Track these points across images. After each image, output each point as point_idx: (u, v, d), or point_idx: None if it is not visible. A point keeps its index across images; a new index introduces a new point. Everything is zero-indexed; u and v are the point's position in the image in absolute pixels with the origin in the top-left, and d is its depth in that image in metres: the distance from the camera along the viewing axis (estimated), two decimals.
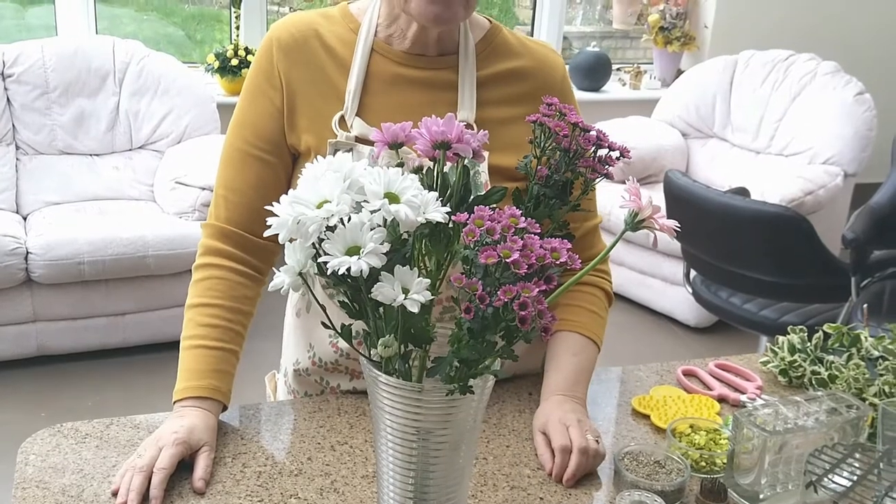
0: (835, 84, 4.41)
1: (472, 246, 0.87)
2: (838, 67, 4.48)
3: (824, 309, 2.98)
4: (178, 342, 1.40)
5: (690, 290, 3.33)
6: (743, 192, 3.22)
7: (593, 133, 0.98)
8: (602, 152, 0.99)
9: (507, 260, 0.83)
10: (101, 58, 3.95)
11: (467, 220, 0.88)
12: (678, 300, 4.09)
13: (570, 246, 0.86)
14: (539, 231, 0.88)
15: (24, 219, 3.71)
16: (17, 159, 3.83)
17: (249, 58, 4.27)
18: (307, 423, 1.40)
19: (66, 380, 3.44)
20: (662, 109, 4.82)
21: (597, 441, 1.29)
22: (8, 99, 3.81)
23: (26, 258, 3.34)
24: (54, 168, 3.85)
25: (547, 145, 0.99)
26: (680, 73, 5.11)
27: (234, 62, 4.26)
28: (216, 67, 4.28)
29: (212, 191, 3.68)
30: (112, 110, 3.95)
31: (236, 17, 4.41)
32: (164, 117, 3.99)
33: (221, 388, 1.35)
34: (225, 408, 1.37)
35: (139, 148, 4.01)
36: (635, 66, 5.29)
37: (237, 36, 4.42)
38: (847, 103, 4.31)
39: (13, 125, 3.83)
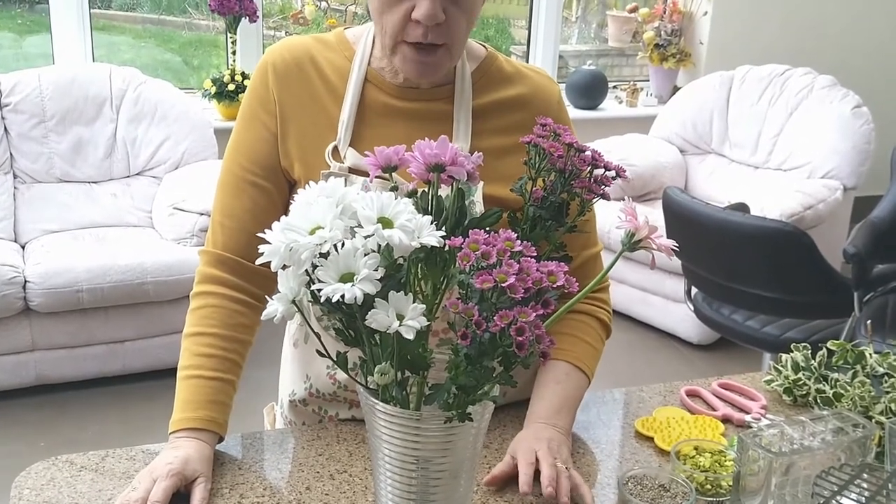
0: (832, 98, 4.40)
1: (467, 270, 0.85)
2: (835, 81, 4.48)
3: (827, 325, 2.96)
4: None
5: (692, 308, 3.31)
6: (742, 207, 3.21)
7: (588, 153, 0.97)
8: (598, 172, 0.98)
9: (503, 284, 0.82)
10: (98, 85, 3.95)
11: (462, 244, 0.86)
12: (680, 317, 4.07)
13: (567, 269, 0.85)
14: (535, 254, 0.86)
15: (23, 247, 3.69)
16: (14, 188, 3.82)
17: (246, 82, 4.26)
18: (306, 451, 1.38)
19: (66, 409, 3.42)
20: (660, 126, 4.82)
21: (567, 468, 1.26)
22: (5, 128, 3.81)
23: (24, 287, 3.32)
24: (52, 196, 3.84)
25: (542, 166, 0.98)
26: (676, 89, 5.11)
27: (231, 87, 4.26)
28: (213, 93, 4.28)
29: (210, 216, 3.68)
30: (109, 137, 3.95)
31: (232, 43, 4.41)
32: (162, 143, 3.98)
33: (217, 419, 1.33)
34: (221, 439, 1.35)
35: (137, 174, 4.00)
36: (631, 83, 5.29)
37: (234, 61, 4.42)
38: (845, 117, 4.31)
39: (10, 154, 3.82)
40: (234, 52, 4.42)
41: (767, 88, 4.62)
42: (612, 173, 0.97)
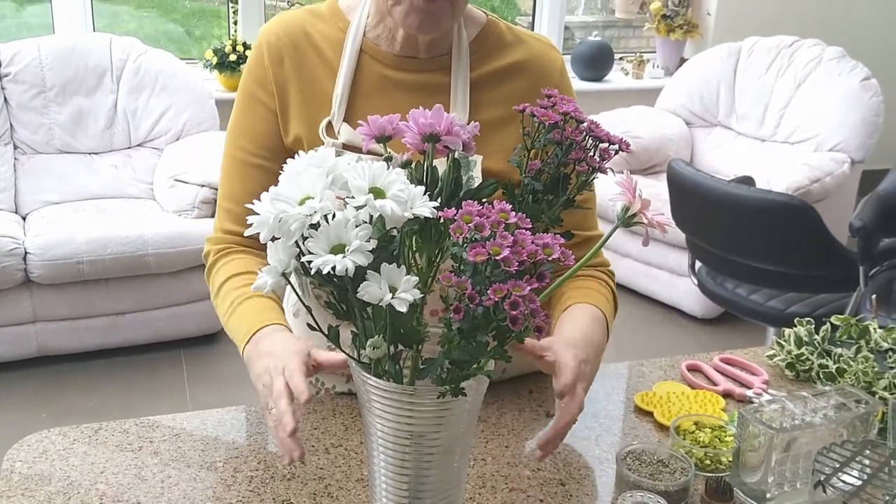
0: (840, 70, 4.35)
1: (460, 243, 0.83)
2: (844, 53, 4.42)
3: (832, 299, 2.93)
4: (178, 341, 1.37)
5: (696, 281, 3.28)
6: (748, 180, 3.18)
7: (585, 124, 0.94)
8: (600, 146, 0.95)
9: (497, 257, 0.80)
10: (99, 55, 3.91)
11: (455, 215, 0.84)
12: (684, 291, 4.05)
13: (562, 241, 0.82)
14: (530, 226, 0.84)
15: (23, 219, 3.67)
16: (15, 159, 3.79)
17: (248, 53, 4.22)
18: (301, 425, 1.36)
19: (67, 380, 3.41)
20: (666, 98, 4.77)
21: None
22: (5, 98, 3.78)
23: (25, 258, 3.31)
24: (52, 167, 3.82)
25: (537, 136, 0.95)
26: (683, 61, 5.05)
27: (233, 58, 4.22)
28: (214, 63, 4.24)
29: (211, 188, 3.61)
30: (110, 108, 3.92)
31: (234, 13, 4.37)
32: (163, 114, 3.95)
33: (287, 326, 1.26)
34: None
35: (138, 146, 3.98)
36: (638, 55, 5.24)
37: (235, 31, 4.38)
38: (853, 89, 4.26)
39: (11, 124, 3.79)
40: (235, 23, 4.38)
41: (775, 60, 4.56)
42: (615, 147, 0.94)
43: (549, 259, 0.81)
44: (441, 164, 0.99)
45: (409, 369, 0.97)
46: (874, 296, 1.64)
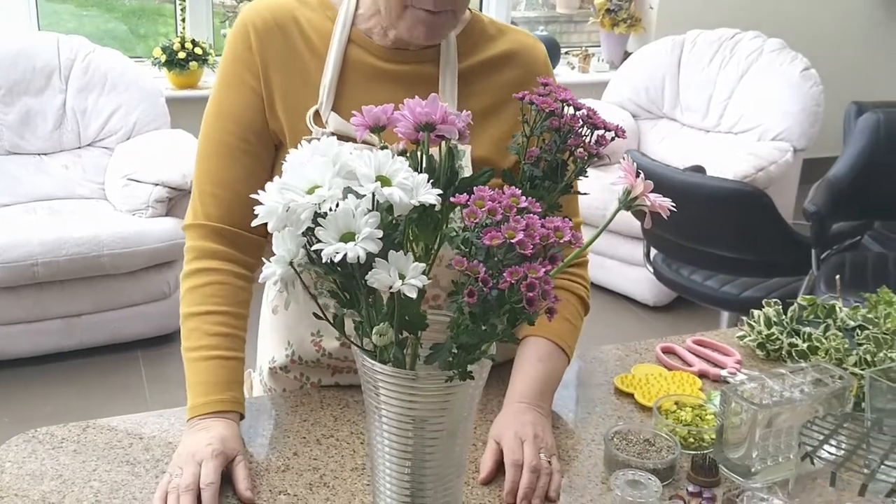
0: (781, 61, 4.46)
1: (472, 228, 0.85)
2: (784, 44, 4.54)
3: (785, 283, 3.02)
4: (135, 342, 1.37)
5: (651, 270, 3.35)
6: (699, 170, 3.25)
7: (583, 111, 0.97)
8: (596, 132, 0.97)
9: (513, 241, 0.82)
10: (46, 55, 3.85)
11: (467, 201, 0.86)
12: (636, 280, 4.12)
13: (572, 224, 0.85)
14: (540, 210, 0.86)
15: None
16: None
17: (196, 50, 4.19)
18: (290, 417, 1.37)
19: (24, 385, 3.36)
20: (612, 91, 4.84)
21: (549, 461, 1.23)
22: None
23: None
24: (1, 169, 3.75)
25: (535, 124, 0.97)
26: (627, 54, 5.13)
27: (181, 55, 4.18)
28: (163, 61, 4.20)
29: (165, 186, 3.55)
30: (59, 108, 3.86)
31: (182, 10, 4.32)
32: (113, 113, 3.90)
33: (240, 398, 1.30)
34: (242, 417, 1.31)
35: (88, 145, 3.92)
36: (583, 49, 5.30)
37: (184, 29, 4.33)
38: (794, 79, 4.37)
39: None
40: (184, 20, 4.34)
41: (718, 52, 4.66)
42: (612, 133, 0.97)
43: (561, 241, 0.83)
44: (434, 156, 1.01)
45: (409, 356, 0.99)
46: (838, 276, 1.70)
